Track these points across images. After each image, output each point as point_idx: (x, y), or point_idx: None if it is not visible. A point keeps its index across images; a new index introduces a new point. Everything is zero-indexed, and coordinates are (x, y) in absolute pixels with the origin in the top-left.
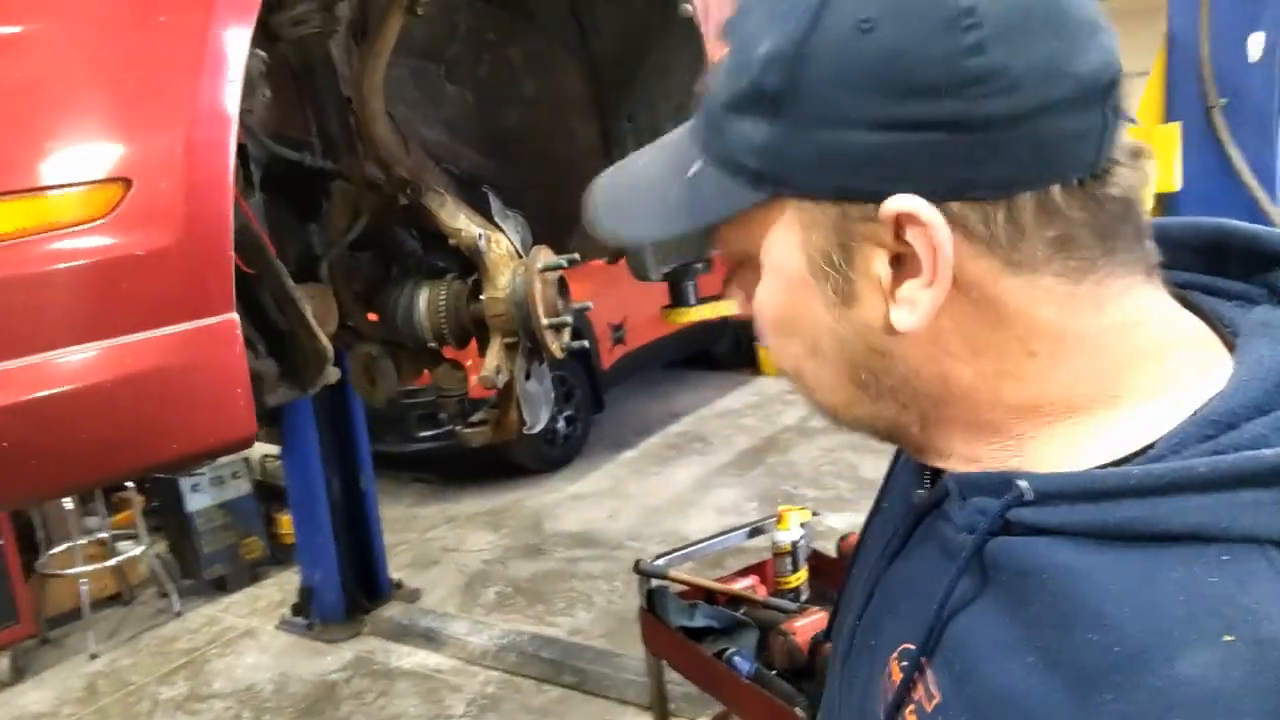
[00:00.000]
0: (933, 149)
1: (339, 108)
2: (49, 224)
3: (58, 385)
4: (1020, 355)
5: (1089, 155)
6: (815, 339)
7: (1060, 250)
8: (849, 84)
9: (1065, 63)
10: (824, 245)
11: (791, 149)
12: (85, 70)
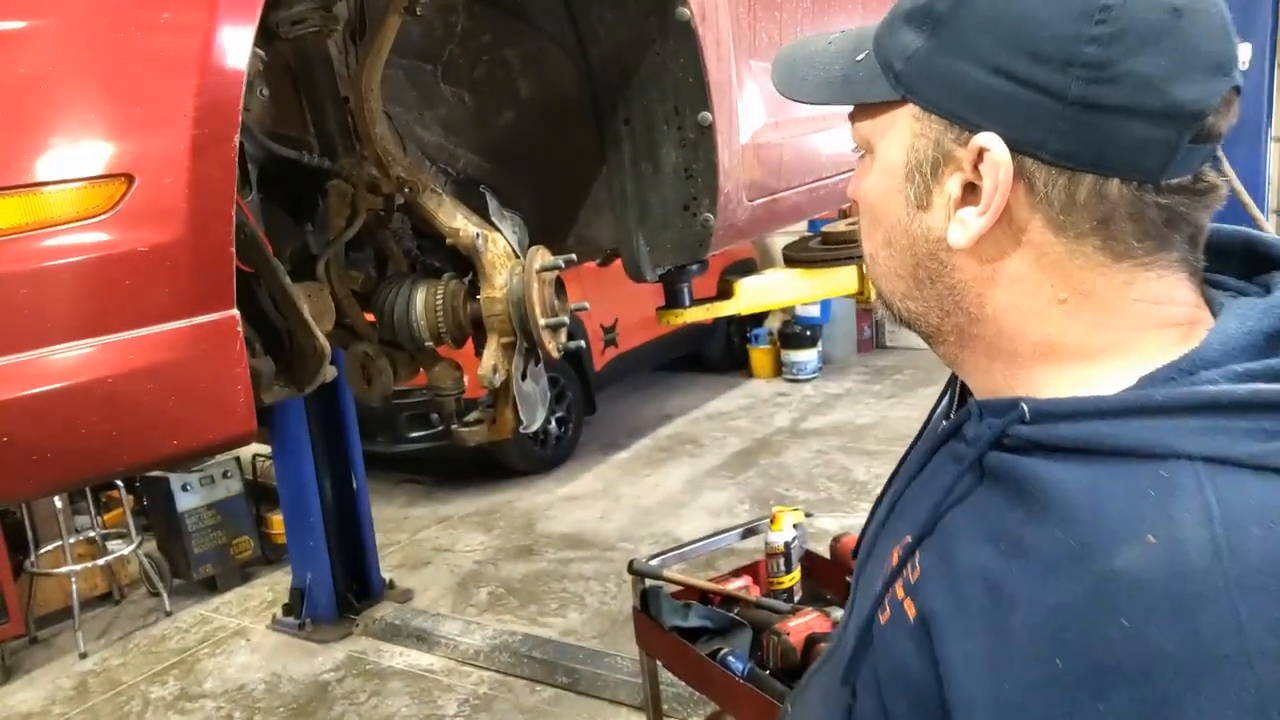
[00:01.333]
0: (1028, 105)
1: (337, 107)
2: (51, 219)
3: (58, 380)
4: (1050, 299)
5: (1153, 165)
6: (892, 231)
7: (1101, 229)
8: (991, 30)
9: (1165, 83)
10: (921, 153)
11: (930, 65)
12: (87, 67)
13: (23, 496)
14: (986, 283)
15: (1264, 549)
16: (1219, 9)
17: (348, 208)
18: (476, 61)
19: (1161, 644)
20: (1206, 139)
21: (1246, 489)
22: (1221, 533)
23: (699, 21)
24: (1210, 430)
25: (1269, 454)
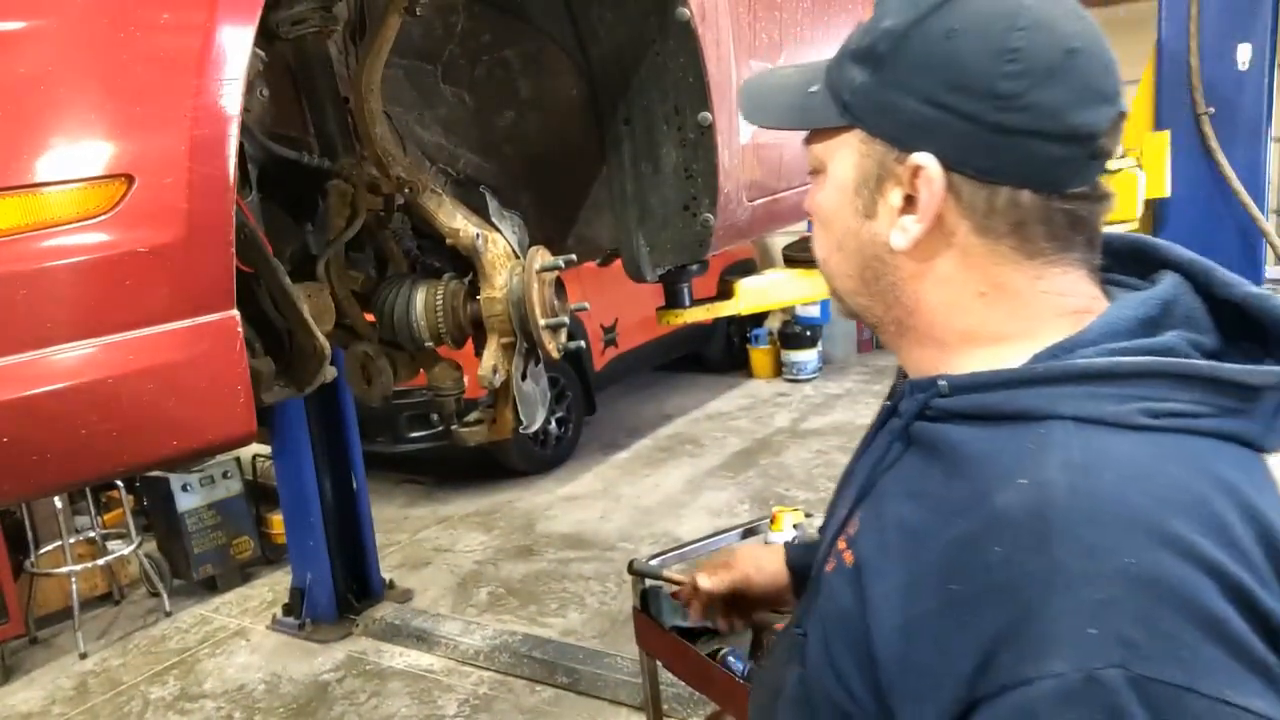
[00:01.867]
0: (955, 130)
1: (337, 107)
2: (51, 220)
3: (59, 381)
4: (973, 293)
5: (1058, 178)
6: (842, 236)
7: (1016, 232)
8: (923, 68)
9: (1065, 111)
10: (867, 170)
11: (873, 96)
12: (87, 67)
13: (23, 496)
14: (921, 279)
15: (1113, 490)
16: (1106, 50)
17: (348, 208)
18: (476, 61)
19: (1026, 565)
20: (1099, 155)
21: (1105, 442)
22: (1080, 477)
23: (699, 21)
24: (1080, 396)
25: (1124, 414)
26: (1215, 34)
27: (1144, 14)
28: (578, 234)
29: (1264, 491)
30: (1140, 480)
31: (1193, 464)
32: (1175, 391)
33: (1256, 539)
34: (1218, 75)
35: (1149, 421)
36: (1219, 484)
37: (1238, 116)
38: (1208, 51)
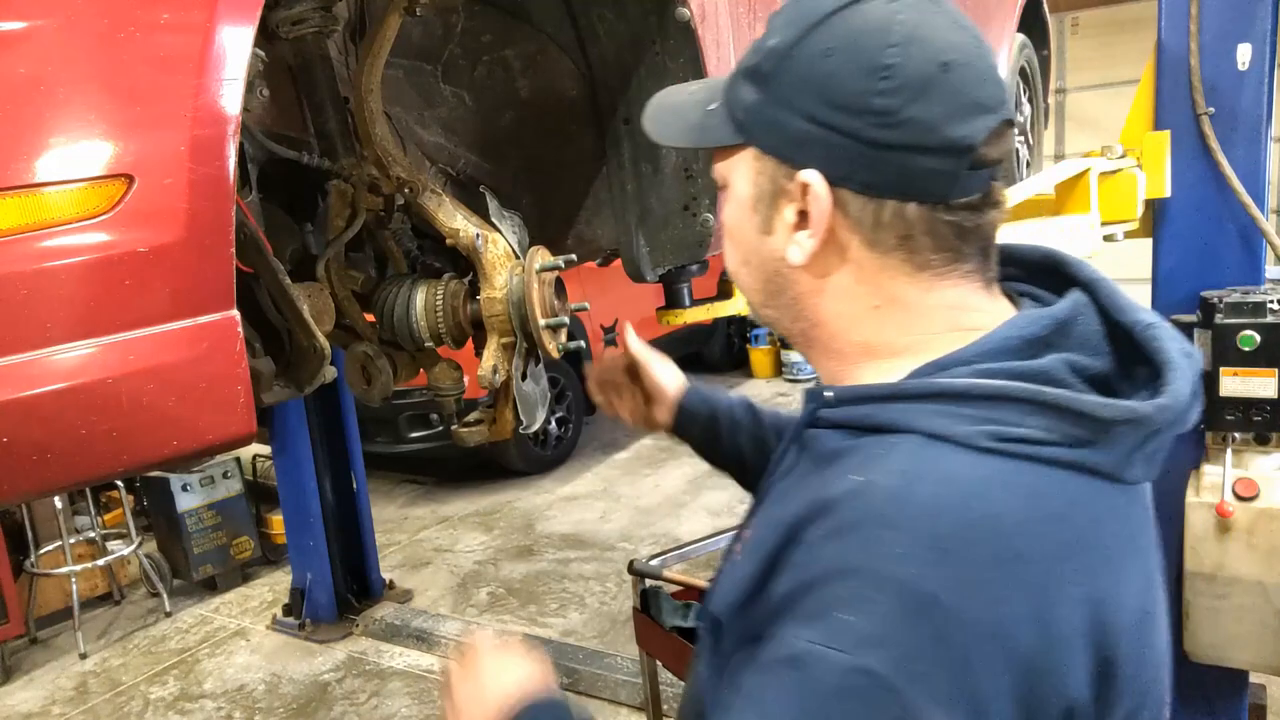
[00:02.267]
0: (836, 147)
1: (337, 107)
2: (51, 220)
3: (59, 381)
4: (867, 306)
5: (939, 189)
6: (747, 253)
7: (903, 245)
8: (804, 86)
9: (942, 125)
10: (761, 187)
11: (762, 114)
12: (87, 67)
13: (23, 496)
14: (820, 293)
15: (925, 502)
16: (983, 59)
17: (348, 208)
18: (476, 61)
19: (824, 549)
20: (982, 165)
21: (943, 459)
22: (902, 483)
23: (699, 21)
24: (935, 414)
25: (971, 435)
26: (1215, 34)
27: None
28: (578, 234)
29: (1101, 525)
30: (955, 499)
31: (1022, 491)
32: (1026, 417)
33: (1046, 581)
34: (1218, 75)
35: (993, 445)
36: (1044, 517)
37: (1238, 116)
38: (1208, 51)
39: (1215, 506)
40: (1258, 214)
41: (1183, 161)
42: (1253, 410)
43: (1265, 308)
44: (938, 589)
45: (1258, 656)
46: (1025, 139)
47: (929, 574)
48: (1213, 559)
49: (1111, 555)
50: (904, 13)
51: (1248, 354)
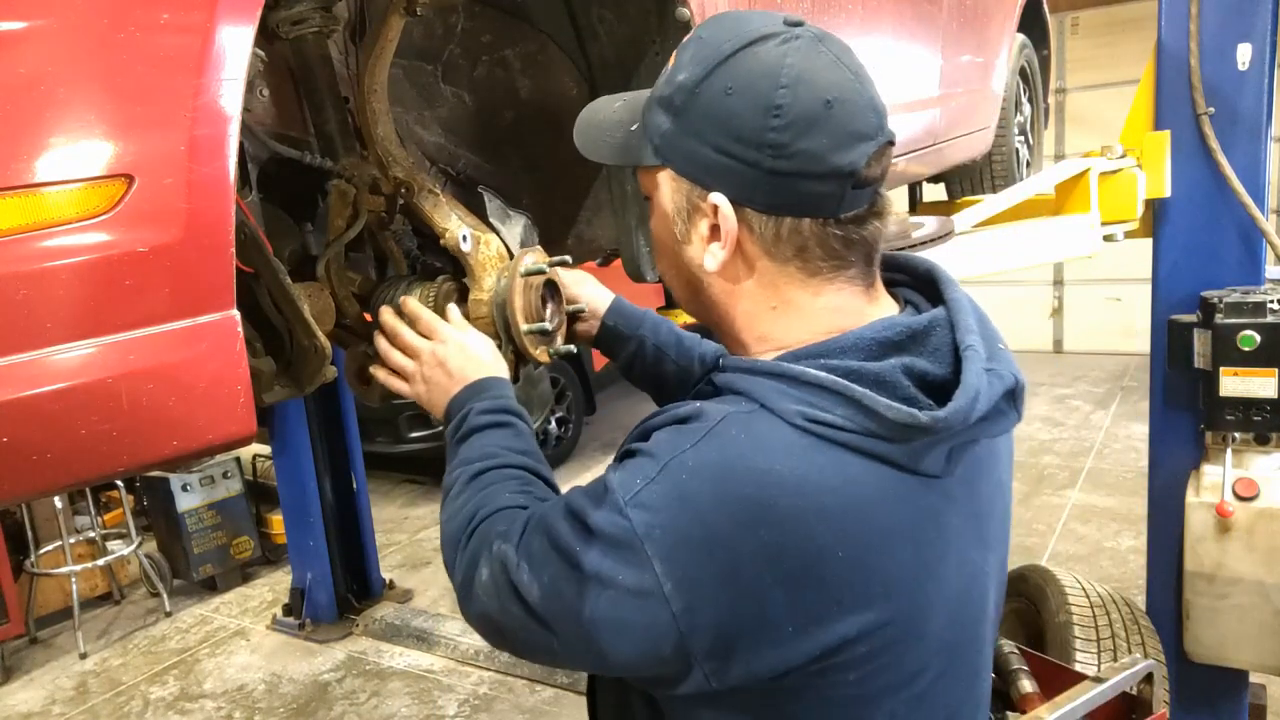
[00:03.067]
0: (739, 173)
1: (337, 107)
2: (51, 220)
3: (59, 381)
4: (767, 307)
5: (828, 208)
6: (671, 259)
7: (798, 255)
8: (710, 120)
9: (826, 154)
10: (678, 205)
11: (675, 142)
12: (87, 67)
13: (23, 496)
14: (731, 295)
15: (727, 441)
16: (862, 93)
17: (348, 208)
18: (476, 61)
19: (658, 441)
20: (864, 184)
21: (761, 421)
22: (721, 425)
23: (699, 21)
24: (773, 390)
25: (789, 412)
26: (1215, 34)
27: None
28: (578, 234)
29: (879, 504)
30: (748, 447)
31: (805, 461)
32: (835, 406)
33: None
34: (1218, 75)
35: (802, 423)
36: (815, 485)
37: (1238, 116)
38: (1208, 51)
39: (1215, 506)
40: (1258, 214)
41: (1183, 161)
42: (1253, 410)
43: (1265, 308)
44: (706, 503)
45: (1258, 656)
46: (1025, 139)
47: (706, 489)
48: (1213, 559)
49: (889, 532)
50: (791, 55)
51: (1248, 354)
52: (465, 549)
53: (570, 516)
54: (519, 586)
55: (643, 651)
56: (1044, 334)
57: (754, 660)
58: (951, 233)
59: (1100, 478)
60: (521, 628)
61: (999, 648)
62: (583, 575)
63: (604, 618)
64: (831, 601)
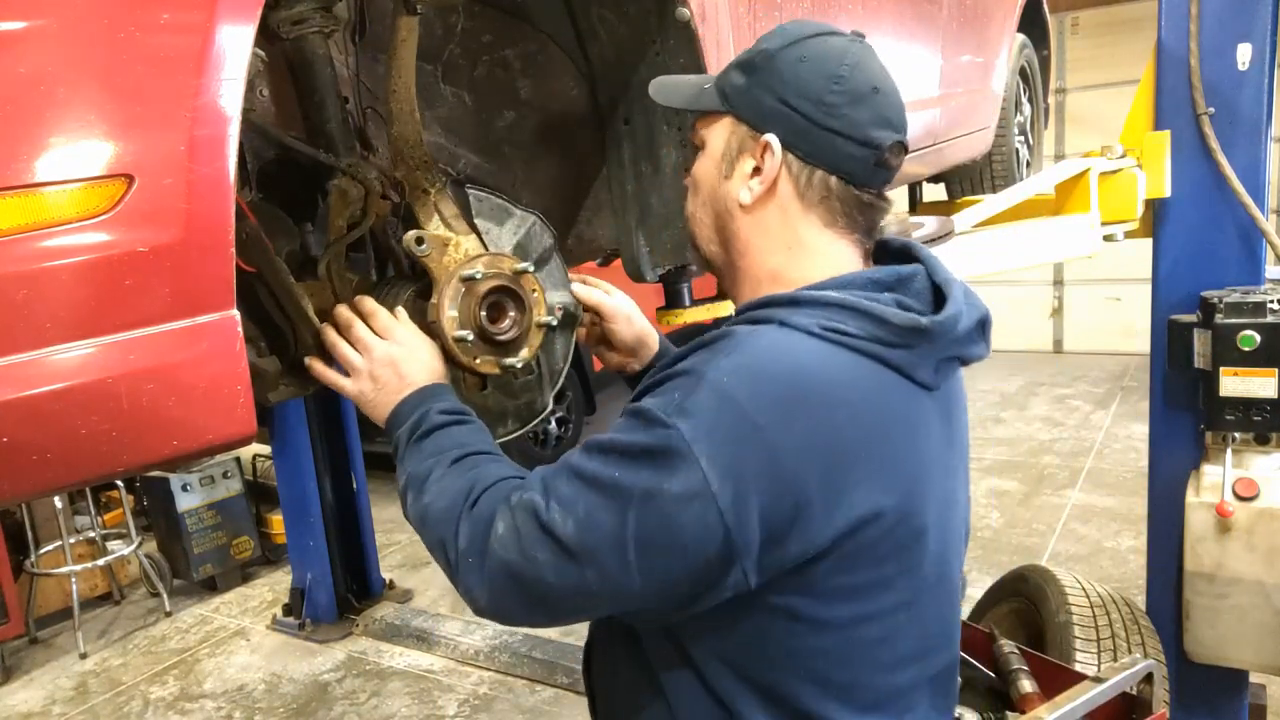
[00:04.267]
0: (794, 122)
1: (337, 107)
2: (51, 220)
3: (59, 381)
4: (783, 245)
5: (856, 173)
6: (708, 194)
7: (822, 203)
8: (781, 77)
9: (866, 126)
10: (732, 144)
11: (746, 93)
12: (87, 67)
13: (23, 496)
14: (754, 229)
15: (757, 348)
16: (898, 95)
17: (348, 208)
18: (476, 61)
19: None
20: (883, 167)
21: (782, 333)
22: (748, 338)
23: (699, 21)
24: (790, 313)
25: (807, 324)
26: (1215, 34)
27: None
28: (578, 234)
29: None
30: (777, 352)
31: (825, 361)
32: (848, 319)
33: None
34: (1218, 75)
35: (819, 332)
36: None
37: (1238, 116)
38: (1208, 51)
39: (1215, 506)
40: (1258, 214)
41: (1183, 161)
42: (1253, 410)
43: (1265, 308)
44: (744, 397)
45: (1258, 656)
46: (1025, 139)
47: (742, 387)
48: (1213, 559)
49: (895, 423)
50: (855, 49)
51: (1248, 354)
52: (470, 513)
53: (598, 452)
54: (550, 526)
55: (686, 561)
56: (1044, 334)
57: (789, 544)
58: (951, 233)
59: (1100, 478)
60: (550, 571)
61: (1000, 647)
62: (625, 497)
63: (650, 532)
64: (852, 482)
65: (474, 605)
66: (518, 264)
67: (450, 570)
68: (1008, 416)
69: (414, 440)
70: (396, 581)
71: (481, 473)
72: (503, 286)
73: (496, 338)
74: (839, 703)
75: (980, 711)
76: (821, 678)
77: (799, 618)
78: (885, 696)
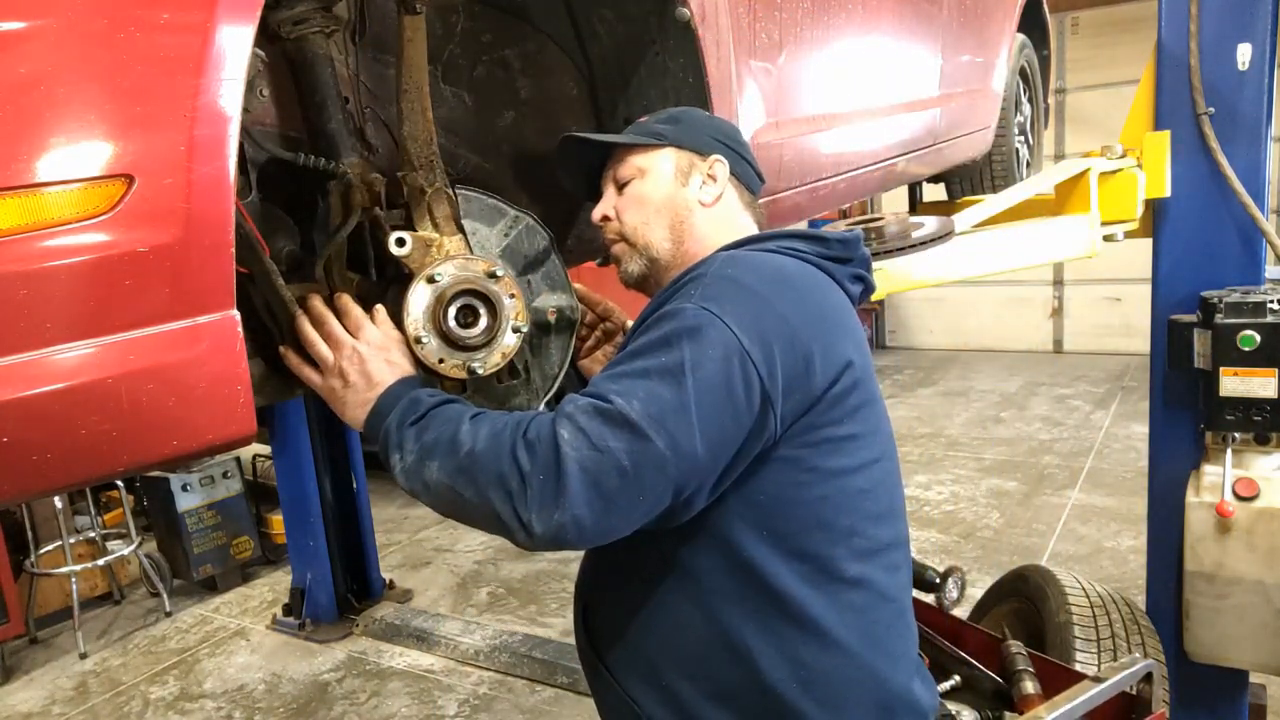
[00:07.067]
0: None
1: (337, 107)
2: (51, 220)
3: (59, 381)
4: (725, 224)
5: (752, 184)
6: (662, 203)
7: (743, 200)
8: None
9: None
10: (682, 163)
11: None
12: (87, 67)
13: (22, 496)
14: (709, 220)
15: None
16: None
17: (347, 208)
18: (476, 61)
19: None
20: (760, 180)
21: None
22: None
23: (699, 21)
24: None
25: (767, 245)
26: (1215, 34)
27: (1144, 14)
28: (578, 234)
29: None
30: (761, 257)
31: (784, 261)
32: (793, 240)
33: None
34: (1218, 75)
35: (776, 248)
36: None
37: (1238, 116)
38: (1208, 51)
39: (1215, 506)
40: (1258, 214)
41: (1183, 161)
42: (1253, 410)
43: (1265, 308)
44: (749, 280)
45: (1258, 656)
46: (1025, 139)
47: (747, 276)
48: (1213, 559)
49: (844, 307)
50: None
51: (1248, 354)
52: (524, 439)
53: (634, 355)
54: (617, 411)
55: (736, 412)
56: (1044, 334)
57: (799, 393)
58: (951, 233)
59: (1100, 478)
60: (624, 454)
61: (1007, 647)
62: (678, 371)
63: (706, 393)
64: (834, 339)
65: (546, 522)
66: (492, 266)
67: (512, 500)
68: (1008, 416)
69: (411, 423)
70: (396, 581)
71: (514, 414)
72: (471, 289)
73: (462, 341)
74: (844, 548)
75: (980, 711)
76: (828, 523)
77: (803, 467)
78: (874, 548)
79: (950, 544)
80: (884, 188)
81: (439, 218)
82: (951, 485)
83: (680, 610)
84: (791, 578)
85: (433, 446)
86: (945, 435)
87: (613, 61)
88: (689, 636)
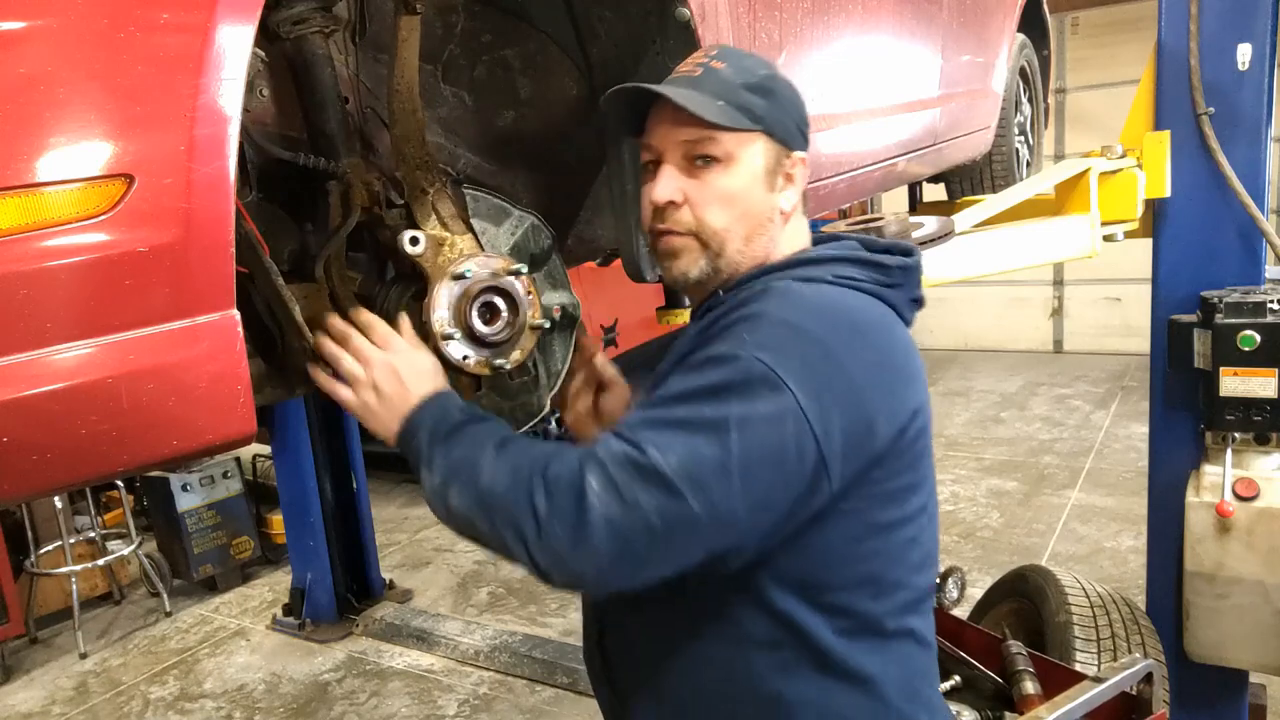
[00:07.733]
0: (804, 142)
1: (337, 107)
2: (51, 220)
3: (59, 381)
4: (801, 239)
5: None
6: (747, 205)
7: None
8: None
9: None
10: (770, 161)
11: (772, 115)
12: (87, 67)
13: (23, 496)
14: (785, 231)
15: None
16: None
17: (346, 207)
18: (476, 61)
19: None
20: None
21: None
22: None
23: (699, 21)
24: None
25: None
26: (1215, 34)
27: (1144, 14)
28: (578, 234)
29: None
30: (821, 296)
31: (846, 300)
32: (851, 270)
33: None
34: (1218, 75)
35: (833, 279)
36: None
37: (1238, 116)
38: (1208, 51)
39: (1215, 506)
40: (1258, 214)
41: (1183, 161)
42: (1253, 410)
43: (1265, 308)
44: (811, 327)
45: (1258, 656)
46: (1025, 139)
47: (808, 321)
48: (1213, 559)
49: (908, 347)
50: None
51: (1248, 354)
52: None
53: (676, 401)
54: (652, 466)
55: (786, 478)
56: (1044, 334)
57: (862, 453)
58: (951, 233)
59: (1100, 478)
60: (654, 512)
61: (1008, 647)
62: (722, 427)
63: (753, 455)
64: (900, 391)
65: (562, 570)
66: (512, 264)
67: (524, 545)
68: (1008, 416)
69: (441, 439)
70: (396, 581)
71: (541, 448)
72: (495, 287)
73: (487, 339)
74: (889, 602)
75: (980, 711)
76: (875, 578)
77: (859, 523)
78: (916, 597)
79: (950, 544)
80: (884, 188)
81: (445, 216)
82: (951, 485)
83: (707, 651)
84: (832, 633)
85: (456, 470)
86: (945, 435)
87: (613, 61)
88: (713, 677)
